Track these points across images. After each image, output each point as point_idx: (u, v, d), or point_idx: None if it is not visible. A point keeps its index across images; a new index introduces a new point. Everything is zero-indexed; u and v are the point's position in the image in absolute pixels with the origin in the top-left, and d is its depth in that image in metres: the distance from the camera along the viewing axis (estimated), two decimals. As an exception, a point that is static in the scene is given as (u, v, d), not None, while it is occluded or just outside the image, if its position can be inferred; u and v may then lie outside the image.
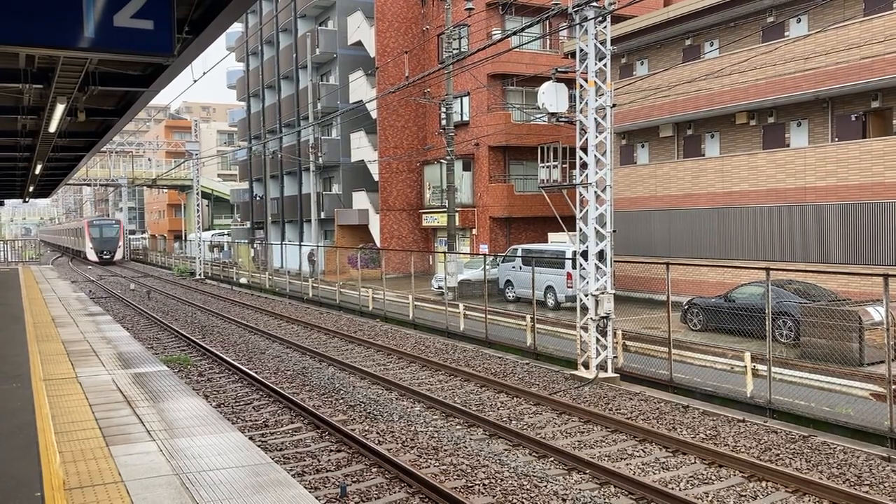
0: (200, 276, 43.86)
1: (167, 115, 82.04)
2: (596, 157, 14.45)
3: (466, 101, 34.16)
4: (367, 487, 8.58)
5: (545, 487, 8.49)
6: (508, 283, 25.95)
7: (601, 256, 14.53)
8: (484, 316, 19.30)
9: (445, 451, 9.90)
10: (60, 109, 9.31)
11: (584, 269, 14.61)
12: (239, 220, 56.84)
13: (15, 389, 8.31)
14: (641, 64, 27.08)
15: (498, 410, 12.11)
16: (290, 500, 5.14)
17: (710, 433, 10.66)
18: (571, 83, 15.86)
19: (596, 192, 14.49)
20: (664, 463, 9.51)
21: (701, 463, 9.45)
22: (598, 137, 14.45)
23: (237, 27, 53.57)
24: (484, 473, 8.95)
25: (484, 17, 31.28)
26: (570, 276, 21.88)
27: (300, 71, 43.63)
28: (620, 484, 8.63)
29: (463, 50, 30.28)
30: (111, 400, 7.93)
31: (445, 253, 26.49)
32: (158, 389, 8.45)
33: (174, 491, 5.28)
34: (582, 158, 14.68)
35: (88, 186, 79.57)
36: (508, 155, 33.83)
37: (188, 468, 5.76)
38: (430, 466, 9.28)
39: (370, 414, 11.89)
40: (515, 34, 19.85)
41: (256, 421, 11.51)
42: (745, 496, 8.35)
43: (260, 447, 8.57)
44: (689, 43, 25.17)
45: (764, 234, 21.72)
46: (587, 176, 14.50)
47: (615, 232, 15.26)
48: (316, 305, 28.76)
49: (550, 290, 23.86)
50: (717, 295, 18.89)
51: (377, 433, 10.71)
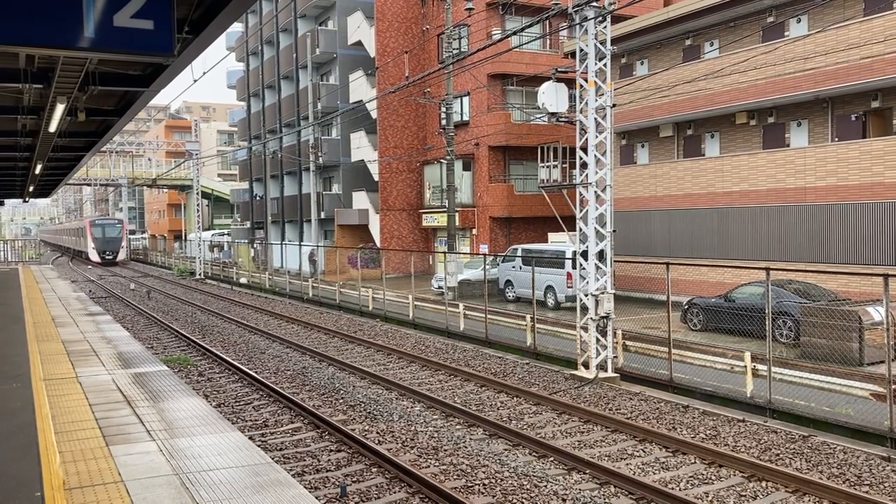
0: (200, 275, 43.87)
1: (167, 114, 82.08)
2: (596, 157, 14.45)
3: (466, 100, 34.16)
4: (367, 487, 8.59)
5: (545, 487, 8.50)
6: (508, 282, 25.96)
7: (601, 256, 14.53)
8: (484, 316, 19.30)
9: (445, 450, 9.90)
10: (60, 109, 9.31)
11: (584, 268, 14.62)
12: (239, 219, 56.85)
13: (15, 389, 8.31)
14: (641, 64, 27.08)
15: (498, 410, 12.11)
16: (290, 499, 5.14)
17: (710, 433, 10.66)
18: (571, 83, 15.87)
19: (596, 191, 14.49)
20: (664, 463, 9.51)
21: (701, 463, 9.45)
22: (598, 137, 14.46)
23: (237, 27, 53.59)
24: (484, 473, 8.95)
25: (484, 16, 31.28)
26: (570, 275, 21.89)
27: (300, 71, 43.64)
28: (620, 484, 8.63)
29: (463, 50, 30.29)
30: (111, 400, 7.93)
31: (445, 253, 26.49)
32: (158, 389, 8.45)
33: (174, 491, 5.28)
34: (582, 158, 14.69)
35: (88, 186, 79.60)
36: (508, 155, 33.83)
37: (188, 468, 5.76)
38: (430, 466, 9.28)
39: (370, 414, 11.90)
40: (515, 34, 19.85)
41: (256, 421, 11.51)
42: (745, 496, 8.36)
43: (260, 447, 8.57)
44: (689, 43, 25.17)
45: (764, 234, 21.72)
46: (587, 176, 14.50)
47: (615, 232, 15.26)
48: (316, 305, 28.77)
49: (550, 289, 23.86)
50: (717, 295, 18.89)
51: (377, 433, 10.71)
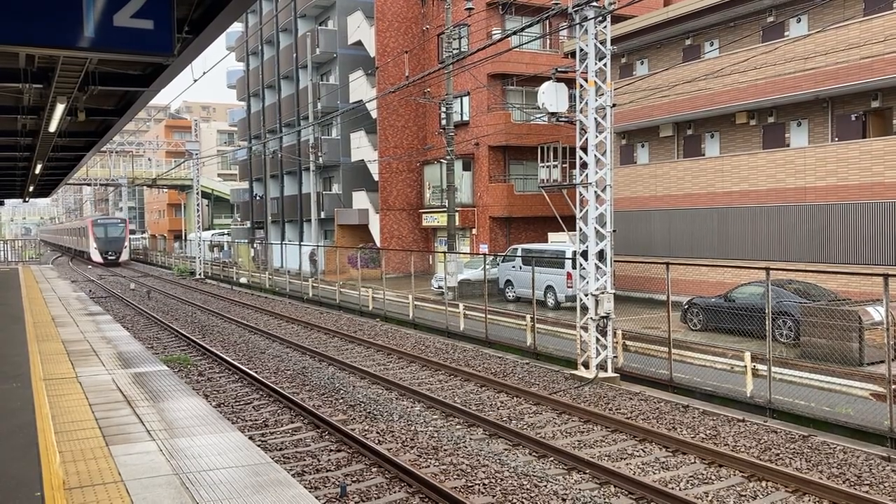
0: (200, 275, 43.87)
1: (167, 114, 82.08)
2: (596, 156, 14.45)
3: (466, 100, 34.16)
4: (367, 487, 8.59)
5: (545, 487, 8.50)
6: (508, 282, 25.96)
7: (601, 256, 14.53)
8: (484, 316, 19.30)
9: (445, 450, 9.91)
10: (60, 109, 9.31)
11: (584, 268, 14.61)
12: (239, 219, 56.83)
13: (15, 389, 8.31)
14: (641, 64, 27.08)
15: (498, 410, 12.11)
16: (289, 499, 5.14)
17: (709, 433, 10.66)
18: (571, 83, 15.86)
19: (596, 191, 14.49)
20: (664, 463, 9.51)
21: (701, 463, 9.45)
22: (598, 137, 14.45)
23: (237, 27, 53.59)
24: (484, 473, 8.96)
25: (484, 16, 31.28)
26: (570, 275, 21.89)
27: (300, 71, 43.64)
28: (620, 484, 8.63)
29: (463, 50, 30.30)
30: (111, 399, 7.93)
31: (445, 253, 26.49)
32: (158, 389, 8.45)
33: (174, 491, 5.28)
34: (582, 158, 14.68)
35: (88, 186, 79.59)
36: (508, 155, 33.83)
37: (188, 468, 5.76)
38: (429, 466, 9.28)
39: (370, 413, 11.90)
40: (515, 34, 19.85)
41: (256, 420, 11.51)
42: (745, 496, 8.36)
43: (260, 447, 8.57)
44: (688, 43, 25.17)
45: (764, 234, 21.72)
46: (587, 176, 14.50)
47: (615, 232, 15.26)
48: (316, 305, 28.77)
49: (550, 289, 23.87)
50: (717, 295, 18.89)
51: (377, 433, 10.71)
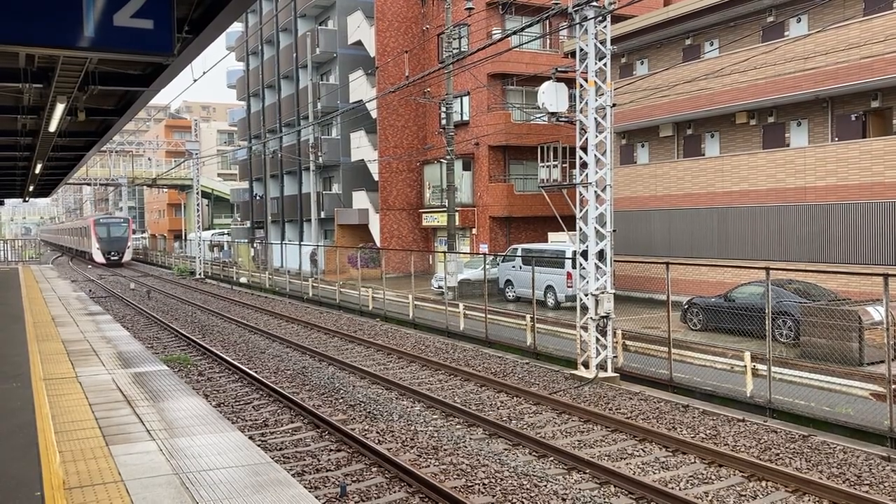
0: (200, 275, 43.87)
1: (167, 114, 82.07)
2: (596, 156, 14.45)
3: (466, 100, 34.16)
4: (366, 487, 8.59)
5: (545, 487, 8.50)
6: (508, 282, 25.96)
7: (601, 256, 14.53)
8: (484, 315, 19.30)
9: (445, 450, 9.91)
10: (60, 109, 9.31)
11: (584, 268, 14.61)
12: (239, 219, 56.82)
13: (15, 389, 8.31)
14: (641, 63, 27.08)
15: (498, 410, 12.11)
16: (289, 499, 5.15)
17: (709, 433, 10.66)
18: (571, 83, 15.86)
19: (596, 191, 14.49)
20: (664, 462, 9.51)
21: (701, 462, 9.45)
22: (598, 137, 14.45)
23: (237, 27, 53.58)
24: (484, 473, 8.96)
25: (484, 16, 31.28)
26: (570, 275, 21.89)
27: (300, 70, 43.64)
28: (620, 483, 8.63)
29: (463, 49, 30.30)
30: (111, 399, 7.93)
31: (445, 252, 26.48)
32: (158, 389, 8.45)
33: (174, 490, 5.28)
34: (582, 158, 14.68)
35: (88, 186, 79.60)
36: (508, 154, 33.83)
37: (188, 468, 5.76)
38: (429, 466, 9.28)
39: (370, 413, 11.90)
40: (515, 34, 19.84)
41: (256, 420, 11.51)
42: (744, 496, 8.36)
43: (260, 446, 8.56)
44: (688, 42, 25.17)
45: (764, 233, 21.72)
46: (587, 175, 14.50)
47: (615, 231, 15.26)
48: (316, 305, 28.77)
49: (550, 289, 23.86)
50: (716, 295, 18.89)
51: (377, 433, 10.71)
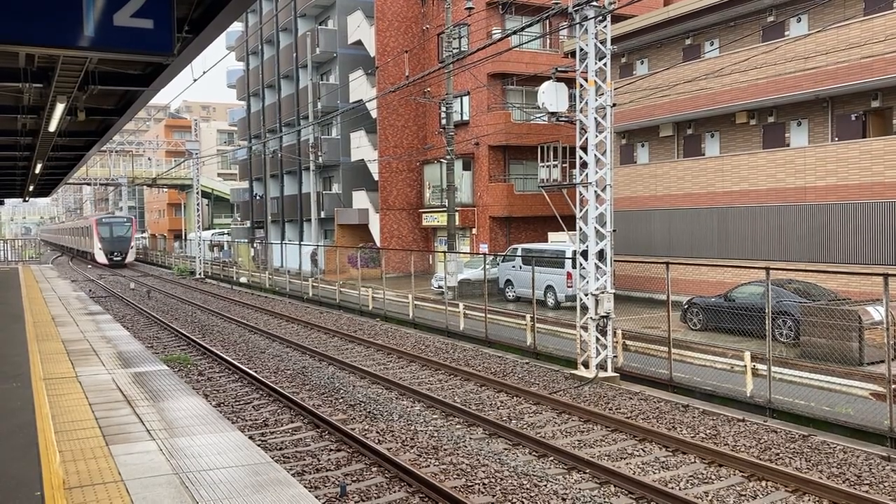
0: (200, 275, 43.87)
1: (167, 114, 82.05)
2: (596, 156, 14.45)
3: (466, 100, 34.15)
4: (366, 487, 8.59)
5: (545, 487, 8.50)
6: (508, 282, 25.95)
7: (601, 256, 14.53)
8: (484, 315, 19.30)
9: (445, 450, 9.91)
10: (60, 108, 9.31)
11: (584, 268, 14.61)
12: (239, 219, 56.80)
13: (15, 389, 8.31)
14: (641, 63, 27.07)
15: (498, 410, 12.11)
16: (289, 499, 5.15)
17: (709, 432, 10.66)
18: (571, 82, 15.86)
19: (596, 191, 14.49)
20: (664, 462, 9.51)
21: (701, 462, 9.45)
22: (598, 137, 14.45)
23: (237, 26, 53.57)
24: (484, 473, 8.96)
25: (484, 16, 31.27)
26: (570, 275, 21.89)
27: (300, 70, 43.63)
28: (620, 483, 8.63)
29: (463, 49, 30.30)
30: (111, 399, 7.93)
31: (445, 252, 26.48)
32: (158, 389, 8.45)
33: (174, 490, 5.28)
34: (582, 158, 14.68)
35: (88, 185, 79.56)
36: (508, 154, 33.82)
37: (188, 467, 5.76)
38: (429, 466, 9.28)
39: (370, 413, 11.90)
40: (515, 33, 19.83)
41: (256, 420, 11.51)
42: (744, 496, 8.36)
43: (260, 446, 8.56)
44: (689, 42, 25.17)
45: (764, 233, 21.71)
46: (587, 175, 14.50)
47: (615, 231, 15.26)
48: (316, 305, 28.76)
49: (550, 289, 23.86)
50: (716, 294, 18.89)
51: (377, 432, 10.71)
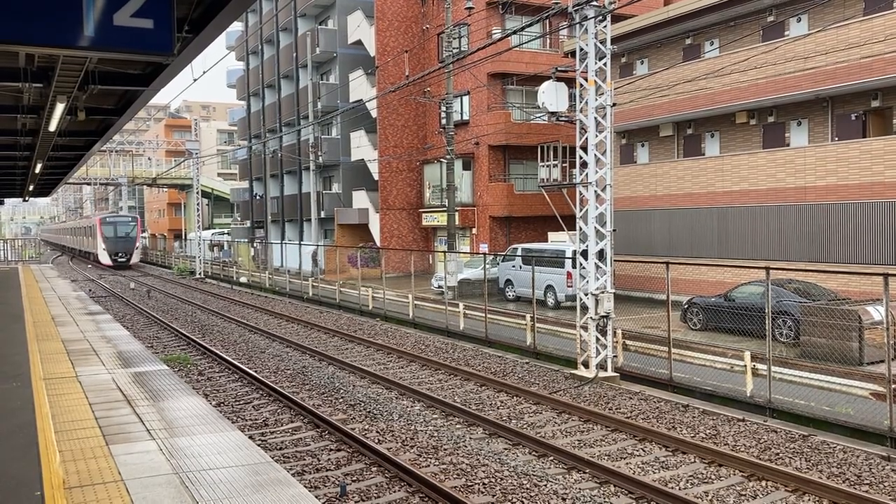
0: (200, 275, 43.87)
1: (167, 113, 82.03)
2: (596, 156, 14.45)
3: (466, 100, 34.15)
4: (366, 486, 8.59)
5: (545, 486, 8.50)
6: (508, 282, 25.95)
7: (601, 256, 14.53)
8: (484, 315, 19.30)
9: (445, 450, 9.91)
10: (60, 108, 9.31)
11: (584, 268, 14.61)
12: (239, 219, 56.79)
13: (15, 388, 8.31)
14: (641, 63, 27.07)
15: (498, 409, 12.11)
16: (289, 499, 5.15)
17: (709, 432, 10.66)
18: (571, 82, 15.86)
19: (596, 191, 14.49)
20: (664, 462, 9.51)
21: (701, 462, 9.45)
22: (598, 136, 14.45)
23: (237, 26, 53.56)
24: (484, 472, 8.96)
25: (484, 16, 31.27)
26: (569, 275, 21.89)
27: (300, 70, 43.62)
28: (620, 483, 8.63)
29: (463, 49, 30.29)
30: (111, 399, 7.93)
31: (445, 252, 26.48)
32: (158, 388, 8.45)
33: (174, 490, 5.28)
34: (582, 157, 14.68)
35: (88, 185, 79.55)
36: (508, 154, 33.82)
37: (188, 467, 5.76)
38: (429, 465, 9.28)
39: (370, 413, 11.90)
40: (515, 33, 19.82)
41: (256, 420, 11.51)
42: (744, 495, 8.36)
43: (260, 446, 8.56)
44: (689, 42, 25.16)
45: (764, 233, 21.71)
46: (587, 175, 14.50)
47: (615, 231, 15.26)
48: (316, 304, 28.76)
49: (550, 289, 23.86)
50: (716, 294, 18.89)
51: (377, 432, 10.71)
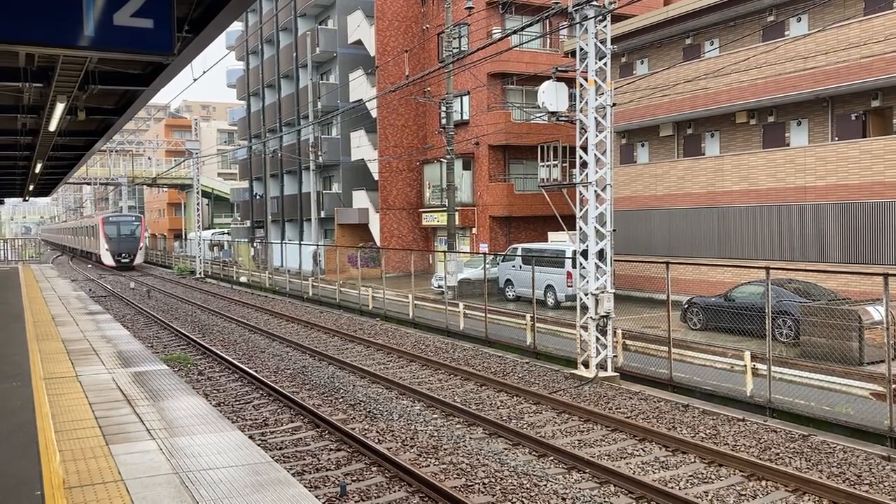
0: (200, 274, 43.87)
1: (167, 113, 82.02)
2: (596, 156, 14.45)
3: (466, 100, 34.14)
4: (366, 486, 8.59)
5: (545, 486, 8.50)
6: (508, 282, 25.95)
7: (601, 255, 14.53)
8: (484, 315, 19.29)
9: (445, 450, 9.91)
10: (60, 108, 9.31)
11: (584, 268, 14.61)
12: (239, 218, 56.79)
13: (15, 388, 8.31)
14: (641, 63, 27.07)
15: (498, 409, 12.11)
16: (289, 498, 5.15)
17: (709, 432, 10.66)
18: (571, 82, 15.86)
19: (596, 191, 14.49)
20: (664, 462, 9.51)
21: (701, 462, 9.45)
22: (598, 136, 14.45)
23: (237, 26, 53.55)
24: (484, 472, 8.96)
25: (484, 16, 31.26)
26: (569, 275, 21.89)
27: (300, 70, 43.62)
28: (620, 483, 8.63)
29: (463, 49, 30.29)
30: (111, 399, 7.93)
31: (445, 252, 26.47)
32: (158, 388, 8.45)
33: (174, 490, 5.29)
34: (582, 157, 14.68)
35: (88, 185, 79.55)
36: (508, 154, 33.81)
37: (188, 467, 5.76)
38: (429, 465, 9.28)
39: (370, 413, 11.90)
40: (515, 33, 19.83)
41: (256, 420, 11.51)
42: (744, 495, 8.36)
43: (260, 446, 8.56)
44: (689, 42, 25.16)
45: (764, 233, 21.71)
46: (587, 175, 14.50)
47: (615, 231, 15.26)
48: (316, 304, 28.76)
49: (550, 289, 23.86)
50: (716, 294, 18.88)
51: (377, 432, 10.71)
